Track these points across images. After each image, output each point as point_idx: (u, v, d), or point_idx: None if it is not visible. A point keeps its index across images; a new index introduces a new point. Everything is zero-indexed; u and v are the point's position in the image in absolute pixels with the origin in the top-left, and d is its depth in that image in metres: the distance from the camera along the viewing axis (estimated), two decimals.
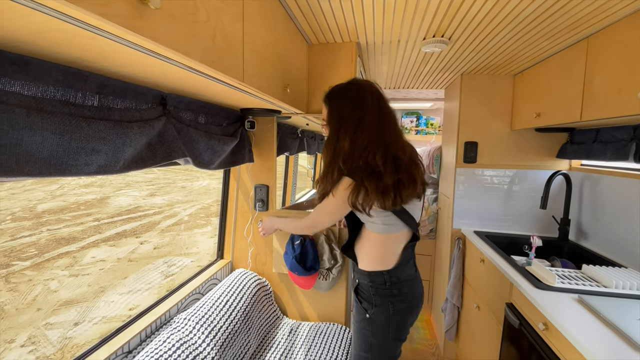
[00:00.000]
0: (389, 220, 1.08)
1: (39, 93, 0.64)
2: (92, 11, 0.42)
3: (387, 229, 1.09)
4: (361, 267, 1.16)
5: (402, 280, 1.12)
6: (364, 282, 1.14)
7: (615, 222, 1.66)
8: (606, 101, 1.27)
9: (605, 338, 1.00)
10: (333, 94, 1.14)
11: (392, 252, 1.12)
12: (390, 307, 1.11)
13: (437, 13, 1.23)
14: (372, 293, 1.12)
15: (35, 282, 4.16)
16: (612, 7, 1.13)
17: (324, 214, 1.15)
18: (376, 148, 1.03)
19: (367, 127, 1.05)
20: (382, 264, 1.11)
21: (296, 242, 1.62)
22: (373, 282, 1.12)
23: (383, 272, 1.11)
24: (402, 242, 1.13)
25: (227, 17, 0.77)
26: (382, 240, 1.11)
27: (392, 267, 1.11)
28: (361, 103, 1.07)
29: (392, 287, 1.11)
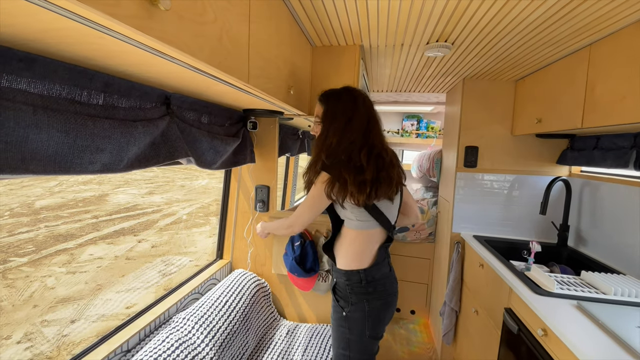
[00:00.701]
0: (363, 216, 1.13)
1: (45, 91, 0.64)
2: (102, 11, 0.42)
3: (361, 224, 1.14)
4: (339, 266, 1.20)
5: (377, 279, 1.17)
6: (341, 281, 1.18)
7: (614, 229, 1.67)
8: (608, 108, 1.28)
9: (604, 345, 1.00)
10: (330, 94, 1.20)
11: (368, 251, 1.17)
12: (366, 304, 1.15)
13: (441, 18, 1.24)
14: (348, 291, 1.16)
15: (32, 279, 4.15)
16: (615, 15, 1.14)
17: (304, 208, 1.17)
18: (362, 146, 1.11)
19: (355, 127, 1.12)
20: (358, 263, 1.16)
21: (296, 244, 1.62)
22: (349, 280, 1.16)
23: (359, 271, 1.15)
24: (376, 242, 1.18)
25: (234, 18, 0.78)
26: (358, 238, 1.16)
27: (367, 266, 1.16)
28: (352, 106, 1.14)
29: (367, 285, 1.15)
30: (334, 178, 1.08)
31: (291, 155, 2.48)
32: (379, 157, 1.11)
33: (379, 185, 1.09)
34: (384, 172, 1.10)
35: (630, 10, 1.10)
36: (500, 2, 1.10)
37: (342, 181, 1.07)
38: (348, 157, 1.10)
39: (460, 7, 1.15)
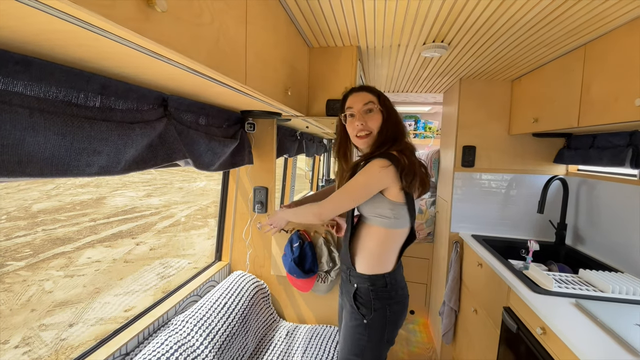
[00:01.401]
0: (401, 213, 1.08)
1: (42, 93, 0.64)
2: (97, 12, 0.42)
3: (396, 223, 1.09)
4: (361, 270, 1.14)
5: (399, 281, 1.15)
6: (364, 287, 1.12)
7: (611, 227, 1.68)
8: (603, 107, 1.29)
9: (603, 343, 1.01)
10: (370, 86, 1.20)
11: (392, 253, 1.13)
12: (388, 309, 1.11)
13: (437, 19, 1.25)
14: (372, 297, 1.11)
15: (30, 283, 4.12)
16: (610, 15, 1.15)
17: (344, 195, 1.09)
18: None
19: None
20: (383, 266, 1.12)
21: (295, 245, 1.62)
22: (374, 285, 1.11)
23: (384, 275, 1.11)
24: (401, 242, 1.15)
25: (231, 20, 0.78)
26: (388, 238, 1.11)
27: (391, 269, 1.13)
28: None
29: (391, 289, 1.12)
30: (402, 165, 1.03)
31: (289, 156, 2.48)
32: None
33: (426, 177, 1.11)
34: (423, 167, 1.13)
35: (624, 11, 1.11)
36: (496, 3, 1.10)
37: (411, 170, 1.03)
38: (407, 145, 1.11)
39: (456, 8, 1.15)
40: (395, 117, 1.15)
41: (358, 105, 1.13)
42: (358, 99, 1.14)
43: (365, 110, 1.13)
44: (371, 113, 1.13)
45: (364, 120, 1.12)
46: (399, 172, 1.02)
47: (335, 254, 1.65)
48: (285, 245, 1.68)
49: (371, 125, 1.12)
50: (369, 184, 1.05)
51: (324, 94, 1.65)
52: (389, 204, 1.07)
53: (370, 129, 1.12)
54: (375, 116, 1.12)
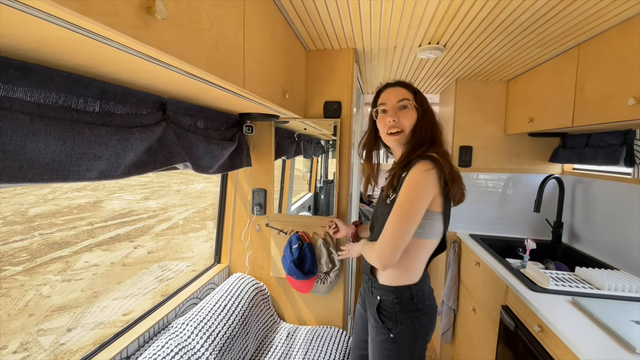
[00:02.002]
0: (434, 221, 1.00)
1: (42, 99, 0.65)
2: (100, 21, 0.43)
3: (428, 233, 1.01)
4: (384, 282, 1.07)
5: (426, 293, 1.07)
6: (388, 299, 1.05)
7: (606, 225, 1.70)
8: (597, 107, 1.30)
9: (599, 340, 1.02)
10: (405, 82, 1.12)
11: (420, 263, 1.06)
12: (416, 322, 1.04)
13: (432, 21, 1.26)
14: (397, 310, 1.04)
15: (27, 288, 4.10)
16: (603, 16, 1.17)
17: (402, 218, 0.95)
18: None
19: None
20: (408, 278, 1.05)
21: (294, 246, 1.62)
22: (399, 298, 1.04)
23: (410, 286, 1.04)
24: (431, 251, 1.07)
25: (229, 25, 0.78)
26: (419, 248, 1.03)
27: (417, 280, 1.06)
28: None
29: (417, 301, 1.04)
30: (444, 168, 0.94)
31: (287, 158, 2.49)
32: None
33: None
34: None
35: (617, 12, 1.13)
36: (490, 4, 1.12)
37: (452, 173, 0.96)
38: (445, 151, 1.03)
39: (451, 9, 1.17)
40: (431, 116, 1.08)
41: (392, 101, 1.06)
42: (392, 95, 1.07)
43: (399, 107, 1.06)
44: (405, 110, 1.05)
45: (397, 116, 1.05)
46: (442, 176, 0.94)
47: (334, 255, 1.65)
48: (285, 247, 1.68)
49: (404, 123, 1.05)
50: (420, 195, 0.94)
51: (321, 96, 1.66)
52: (427, 213, 0.98)
53: (402, 126, 1.05)
54: (409, 113, 1.05)
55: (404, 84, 1.10)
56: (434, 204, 0.97)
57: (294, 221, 1.76)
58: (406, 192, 0.95)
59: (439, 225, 1.01)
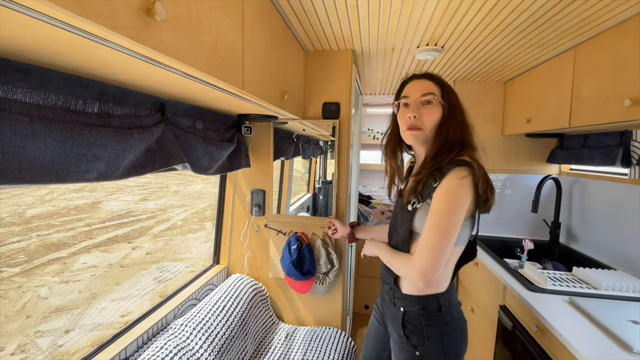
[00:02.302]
0: (465, 227, 0.91)
1: (41, 101, 0.65)
2: (100, 23, 0.43)
3: (458, 239, 0.91)
4: (408, 291, 0.97)
5: (454, 304, 0.97)
6: (413, 311, 0.96)
7: (603, 225, 1.71)
8: (593, 108, 1.31)
9: (597, 339, 1.03)
10: (436, 75, 1.02)
11: (447, 271, 0.96)
12: (445, 339, 0.93)
13: (430, 22, 1.27)
14: (424, 323, 0.94)
15: (25, 289, 4.08)
16: (600, 18, 1.17)
17: (441, 232, 0.85)
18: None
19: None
20: (435, 286, 0.95)
21: (293, 247, 1.63)
22: (426, 309, 0.94)
23: (437, 295, 0.94)
24: (457, 258, 0.98)
25: (228, 27, 0.79)
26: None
27: (445, 289, 0.96)
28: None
29: (446, 313, 0.94)
30: (478, 174, 0.86)
31: (286, 158, 2.49)
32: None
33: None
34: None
35: (613, 13, 1.14)
36: (488, 6, 1.12)
37: (486, 179, 0.88)
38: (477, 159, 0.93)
39: (449, 11, 1.17)
40: (461, 116, 0.97)
41: (415, 94, 0.96)
42: (416, 88, 0.97)
43: (423, 102, 0.95)
44: (429, 106, 0.95)
45: (418, 112, 0.95)
46: (477, 183, 0.86)
47: (333, 255, 1.66)
48: (283, 247, 1.68)
49: (425, 121, 0.95)
50: (458, 207, 0.85)
51: (319, 97, 1.66)
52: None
53: (423, 124, 0.95)
54: (432, 110, 0.94)
55: (432, 76, 1.00)
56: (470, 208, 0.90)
57: (293, 222, 1.76)
58: (443, 203, 0.86)
59: (467, 230, 0.93)
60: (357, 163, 2.52)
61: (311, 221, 1.75)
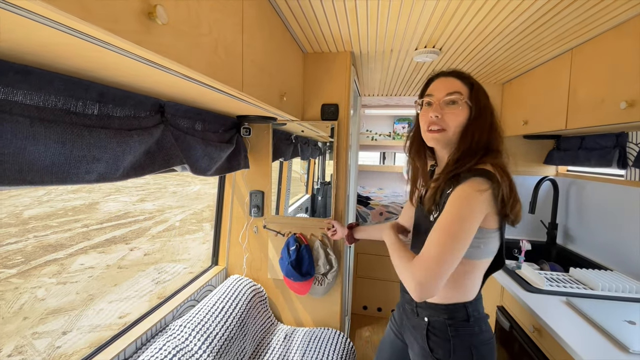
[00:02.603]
0: (489, 240, 0.84)
1: (41, 102, 0.65)
2: (102, 27, 0.43)
3: (482, 252, 0.84)
4: (433, 300, 0.90)
5: (482, 315, 0.90)
6: (439, 320, 0.88)
7: (600, 227, 1.72)
8: (590, 110, 1.33)
9: (594, 340, 1.04)
10: (464, 73, 0.93)
11: (475, 281, 0.89)
12: (474, 353, 0.85)
13: (429, 24, 1.28)
14: (450, 335, 0.86)
15: (22, 290, 4.06)
16: (596, 21, 1.19)
17: (446, 245, 0.76)
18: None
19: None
20: (463, 295, 0.87)
21: (291, 248, 1.63)
22: (453, 318, 0.87)
23: (466, 304, 0.87)
24: (486, 268, 0.90)
25: (228, 29, 0.79)
26: (465, 267, 0.85)
27: (473, 297, 0.88)
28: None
29: (474, 323, 0.87)
30: (502, 187, 0.78)
31: (285, 160, 2.50)
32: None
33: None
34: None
35: (610, 16, 1.15)
36: (486, 9, 1.13)
37: (512, 193, 0.80)
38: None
39: (447, 13, 1.18)
40: (490, 118, 0.88)
41: (440, 93, 0.88)
42: (442, 86, 0.89)
43: (447, 102, 0.87)
44: (453, 106, 0.87)
45: (441, 112, 0.87)
46: (499, 197, 0.78)
47: (332, 256, 1.66)
48: (282, 248, 1.69)
49: (449, 121, 0.87)
50: (471, 216, 0.77)
51: (318, 99, 1.67)
52: (481, 232, 0.82)
53: (446, 125, 0.87)
54: (457, 110, 0.87)
55: (460, 74, 0.91)
56: (489, 221, 0.81)
57: (292, 223, 1.77)
58: (455, 209, 0.77)
59: (495, 242, 0.85)
60: (356, 164, 2.53)
61: (310, 222, 1.76)
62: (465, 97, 0.87)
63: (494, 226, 0.82)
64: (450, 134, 0.87)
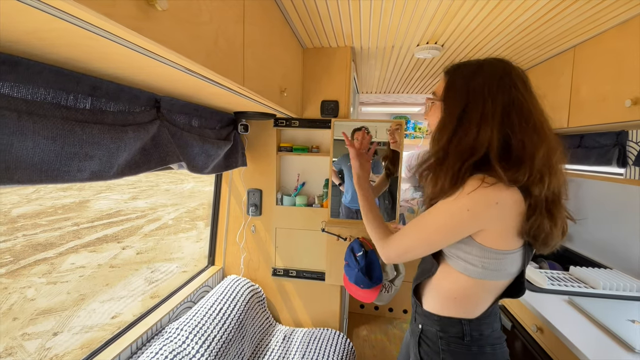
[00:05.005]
0: (500, 263, 0.72)
1: (29, 95, 0.61)
2: (97, 11, 0.39)
3: (489, 274, 0.73)
4: (429, 308, 0.84)
5: (486, 336, 0.79)
6: (431, 331, 0.82)
7: (599, 225, 1.72)
8: (593, 108, 1.32)
9: (598, 339, 1.03)
10: (461, 66, 0.80)
11: (482, 300, 0.79)
12: None
13: (433, 20, 1.25)
14: (441, 348, 0.80)
15: (11, 290, 3.96)
16: (600, 19, 1.17)
17: (418, 234, 0.76)
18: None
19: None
20: (462, 310, 0.79)
21: (358, 254, 1.48)
22: (445, 332, 0.80)
23: (462, 320, 0.78)
24: (497, 292, 0.79)
25: (229, 20, 0.75)
26: (468, 286, 0.76)
27: (474, 316, 0.79)
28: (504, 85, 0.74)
29: (470, 343, 0.78)
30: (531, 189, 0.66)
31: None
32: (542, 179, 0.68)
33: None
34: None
35: (613, 14, 1.14)
36: (491, 5, 1.11)
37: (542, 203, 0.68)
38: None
39: (452, 10, 1.16)
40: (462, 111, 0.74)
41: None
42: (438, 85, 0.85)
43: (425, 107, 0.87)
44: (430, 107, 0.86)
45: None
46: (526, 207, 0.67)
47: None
48: (346, 255, 1.53)
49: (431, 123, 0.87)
50: (452, 222, 0.70)
51: (317, 95, 1.63)
52: (483, 250, 0.71)
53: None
54: (430, 112, 0.86)
55: (447, 69, 0.82)
56: (502, 240, 0.70)
57: (351, 226, 1.59)
58: (450, 198, 0.70)
59: (514, 264, 0.73)
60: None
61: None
62: (439, 95, 0.81)
63: (512, 246, 0.71)
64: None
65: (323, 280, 1.69)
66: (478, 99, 0.72)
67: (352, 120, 1.57)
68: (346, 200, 1.62)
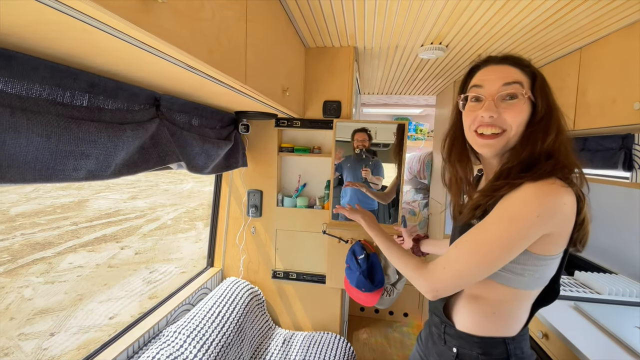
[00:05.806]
0: (543, 269, 0.67)
1: (24, 91, 0.59)
2: (96, 2, 0.37)
3: (531, 282, 0.68)
4: (465, 329, 0.74)
5: (527, 355, 0.73)
6: (471, 354, 0.72)
7: (604, 229, 1.70)
8: (600, 111, 1.30)
9: (605, 346, 1.00)
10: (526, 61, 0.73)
11: (521, 312, 0.72)
12: None
13: (438, 20, 1.23)
14: None
15: (8, 290, 3.93)
16: (606, 20, 1.16)
17: (477, 254, 0.64)
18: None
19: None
20: (503, 327, 0.71)
21: (360, 257, 1.46)
22: (488, 355, 0.71)
23: (506, 340, 0.70)
24: (533, 299, 0.73)
25: (231, 16, 0.73)
26: (515, 298, 0.70)
27: (517, 333, 0.72)
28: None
29: None
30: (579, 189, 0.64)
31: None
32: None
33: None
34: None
35: (621, 16, 1.12)
36: (498, 5, 1.09)
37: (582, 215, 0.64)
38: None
39: (458, 10, 1.14)
40: (558, 120, 0.69)
41: (493, 84, 0.68)
42: (495, 76, 0.69)
43: (504, 96, 0.67)
44: (512, 101, 0.67)
45: (497, 110, 0.67)
46: (580, 207, 0.64)
47: None
48: (347, 257, 1.51)
49: (509, 121, 0.67)
50: (515, 244, 0.62)
51: (320, 95, 1.61)
52: (530, 258, 0.65)
53: (506, 125, 0.67)
54: (518, 107, 0.67)
55: (518, 60, 0.71)
56: (547, 248, 0.65)
57: (352, 228, 1.57)
58: (504, 211, 0.63)
59: (548, 271, 0.68)
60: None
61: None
62: (527, 90, 0.68)
63: (554, 251, 0.66)
64: (510, 136, 0.68)
65: (324, 283, 1.66)
66: (554, 102, 0.71)
67: (355, 121, 1.55)
68: (343, 203, 1.60)
